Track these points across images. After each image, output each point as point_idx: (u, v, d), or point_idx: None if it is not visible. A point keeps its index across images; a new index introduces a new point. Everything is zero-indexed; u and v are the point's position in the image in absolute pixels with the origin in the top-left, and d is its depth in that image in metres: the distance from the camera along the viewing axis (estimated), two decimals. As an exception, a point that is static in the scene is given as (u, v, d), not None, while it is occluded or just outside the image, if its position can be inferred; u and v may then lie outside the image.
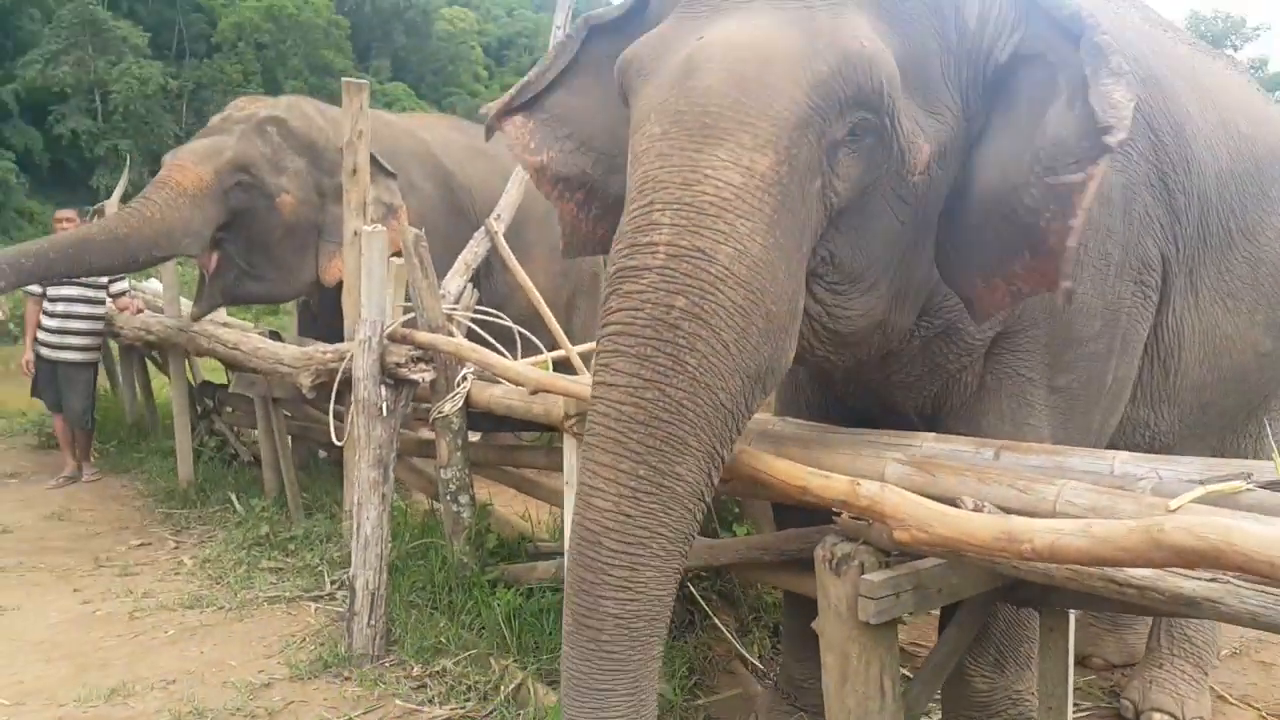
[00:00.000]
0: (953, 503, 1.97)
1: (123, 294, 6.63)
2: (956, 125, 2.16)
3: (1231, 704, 3.49)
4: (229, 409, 6.62)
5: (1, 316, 5.18)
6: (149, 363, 7.65)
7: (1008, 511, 1.91)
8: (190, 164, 5.09)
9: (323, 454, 6.33)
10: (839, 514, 2.14)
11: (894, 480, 2.13)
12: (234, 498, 5.60)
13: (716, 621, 3.54)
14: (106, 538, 5.20)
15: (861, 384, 2.74)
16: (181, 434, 6.01)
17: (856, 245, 2.12)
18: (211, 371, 7.45)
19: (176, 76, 51.36)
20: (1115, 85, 1.93)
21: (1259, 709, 3.45)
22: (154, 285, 7.61)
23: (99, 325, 6.45)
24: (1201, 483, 1.87)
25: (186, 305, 6.18)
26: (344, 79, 4.47)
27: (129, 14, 52.52)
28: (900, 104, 2.01)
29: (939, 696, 3.05)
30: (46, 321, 6.31)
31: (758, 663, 3.55)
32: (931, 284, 2.34)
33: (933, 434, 2.40)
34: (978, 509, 1.96)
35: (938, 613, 2.97)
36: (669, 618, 1.94)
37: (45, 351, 6.33)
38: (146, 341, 6.51)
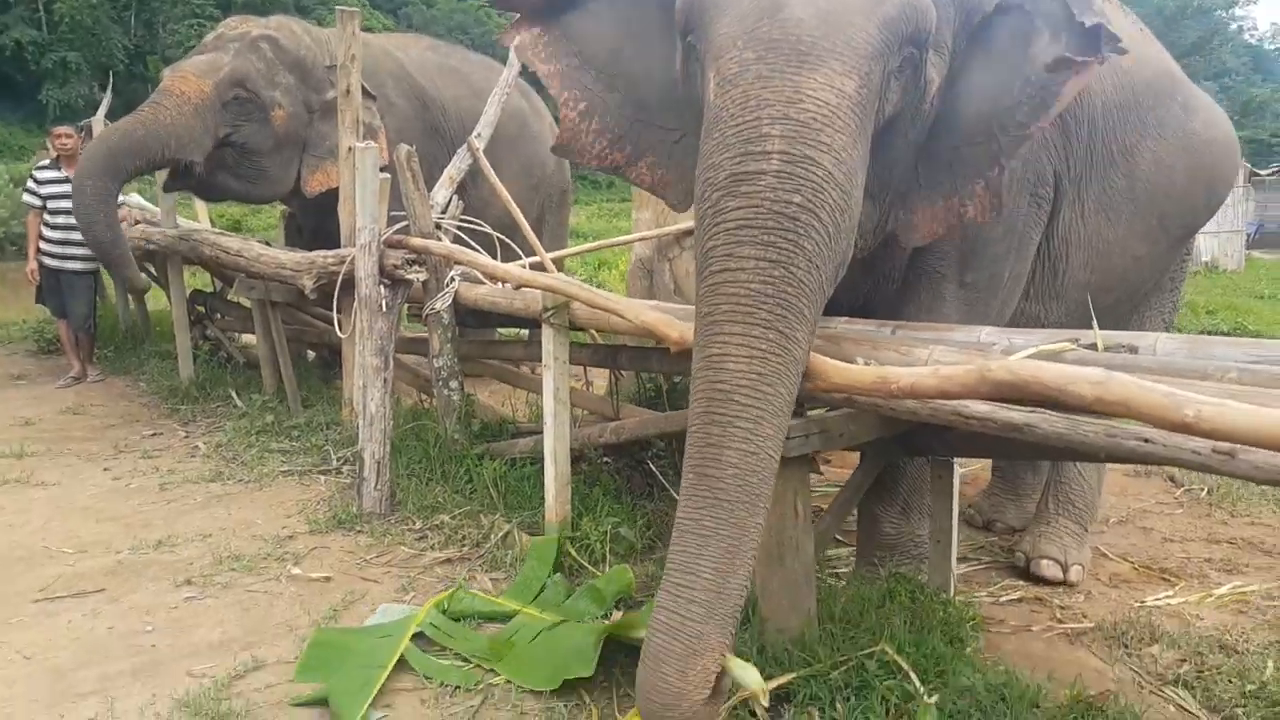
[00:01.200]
0: (851, 363, 2.57)
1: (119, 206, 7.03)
2: (949, 63, 2.60)
3: (1111, 559, 4.14)
4: (220, 315, 7.12)
5: None
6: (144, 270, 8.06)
7: (892, 369, 2.51)
8: (192, 76, 5.48)
9: (310, 354, 6.85)
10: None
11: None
12: (234, 394, 6.11)
13: (671, 492, 4.12)
14: (120, 429, 5.70)
15: None
16: (181, 335, 6.50)
17: (878, 161, 2.49)
18: (196, 282, 7.91)
19: (124, -14, 49.77)
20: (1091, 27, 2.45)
21: (1133, 562, 4.10)
22: (135, 199, 7.97)
23: None
24: (1039, 345, 2.48)
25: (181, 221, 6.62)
26: (338, 7, 4.89)
27: (72, -81, 50.62)
28: (930, 42, 2.44)
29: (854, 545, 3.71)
30: (49, 234, 6.69)
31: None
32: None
33: (845, 318, 2.99)
34: (865, 365, 2.57)
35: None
36: (772, 489, 2.15)
37: (49, 261, 6.72)
38: (146, 250, 6.92)
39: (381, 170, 4.40)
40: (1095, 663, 3.24)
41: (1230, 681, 3.09)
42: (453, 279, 4.30)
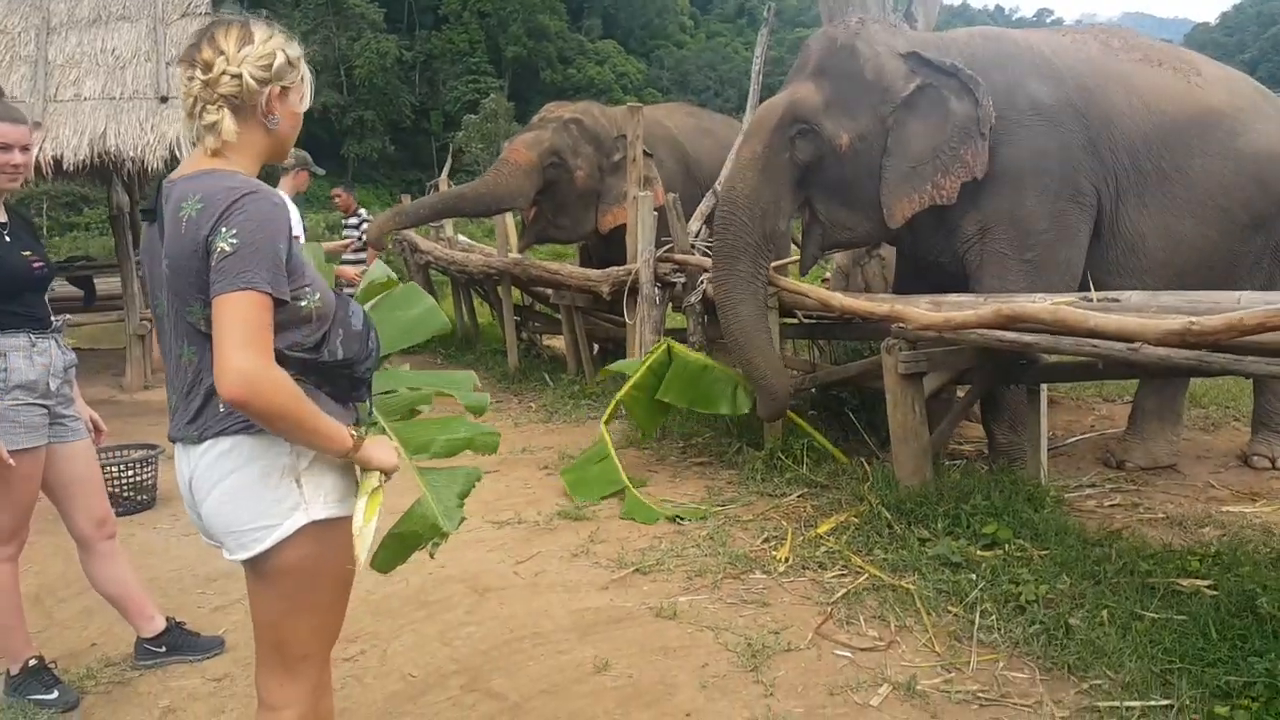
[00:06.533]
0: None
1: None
2: (871, 123, 4.78)
3: (1216, 488, 5.01)
4: (532, 323, 9.54)
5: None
6: (474, 292, 10.75)
7: (965, 318, 4.23)
8: (523, 149, 7.82)
9: (595, 348, 9.03)
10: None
11: (922, 307, 4.42)
12: (546, 376, 8.41)
13: (864, 435, 5.66)
14: (475, 397, 8.10)
15: (928, 258, 5.11)
16: (510, 336, 8.94)
17: (828, 183, 4.89)
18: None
19: (410, 49, 55.25)
20: (980, 89, 4.51)
21: (1231, 489, 4.92)
22: (463, 239, 10.55)
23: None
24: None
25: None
26: (628, 104, 7.07)
27: (364, -9, 56.88)
28: (823, 118, 4.75)
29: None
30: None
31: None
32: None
33: (955, 294, 4.61)
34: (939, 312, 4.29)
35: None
36: (762, 325, 4.98)
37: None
38: (486, 273, 9.29)
39: (655, 209, 6.49)
40: (1151, 532, 4.20)
41: (1253, 546, 3.87)
42: (702, 281, 6.25)
